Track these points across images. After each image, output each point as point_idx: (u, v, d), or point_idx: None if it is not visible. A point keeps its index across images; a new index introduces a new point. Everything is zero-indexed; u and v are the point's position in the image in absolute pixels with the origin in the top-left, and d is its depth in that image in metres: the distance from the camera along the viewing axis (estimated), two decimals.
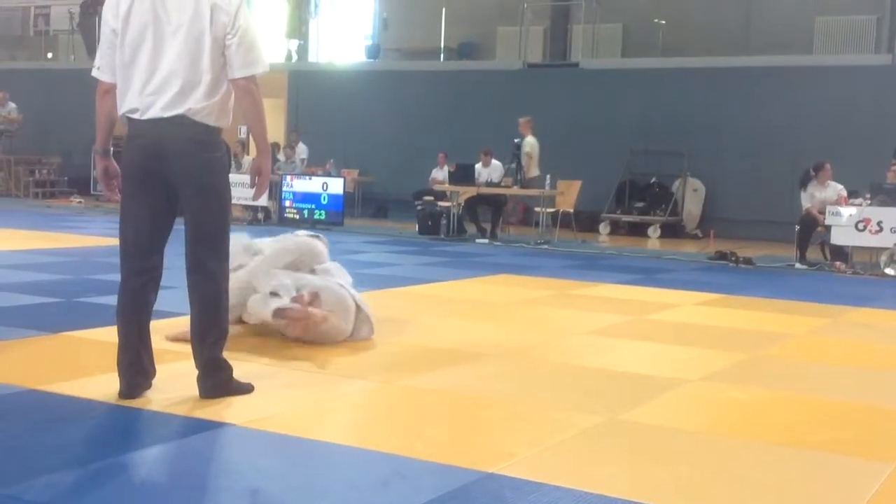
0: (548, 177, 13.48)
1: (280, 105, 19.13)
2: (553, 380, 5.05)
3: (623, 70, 17.12)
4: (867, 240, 11.16)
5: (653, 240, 15.44)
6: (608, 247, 13.72)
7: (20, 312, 6.18)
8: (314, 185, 15.02)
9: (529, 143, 14.47)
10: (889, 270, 10.92)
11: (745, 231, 15.10)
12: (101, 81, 4.20)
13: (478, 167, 14.27)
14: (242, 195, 10.58)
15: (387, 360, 5.29)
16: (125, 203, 4.18)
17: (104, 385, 4.27)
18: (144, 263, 4.17)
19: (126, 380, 4.16)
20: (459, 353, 5.50)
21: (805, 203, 11.82)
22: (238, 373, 4.35)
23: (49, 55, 23.63)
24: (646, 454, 3.78)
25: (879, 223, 11.05)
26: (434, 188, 15.23)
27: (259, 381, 4.44)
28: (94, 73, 4.21)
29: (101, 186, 4.38)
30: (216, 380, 4.22)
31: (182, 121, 4.05)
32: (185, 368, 4.35)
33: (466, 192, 14.03)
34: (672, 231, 15.79)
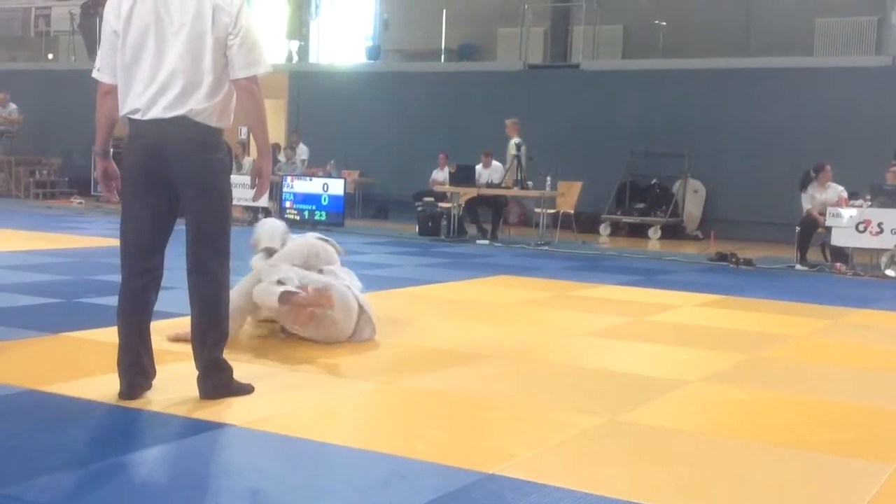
0: (548, 178, 13.48)
1: (281, 106, 19.11)
2: (553, 381, 5.05)
3: (623, 71, 17.11)
4: (867, 241, 11.15)
5: (653, 241, 15.43)
6: (608, 248, 13.70)
7: (20, 313, 6.18)
8: (315, 186, 15.02)
9: (514, 145, 14.43)
10: (889, 272, 10.91)
11: (746, 232, 15.09)
12: (102, 83, 4.19)
13: (478, 168, 14.26)
14: (243, 196, 10.56)
15: (387, 361, 5.29)
16: (126, 203, 4.18)
17: (104, 385, 4.27)
18: (145, 264, 4.17)
19: (126, 380, 4.16)
20: (460, 354, 5.50)
21: (805, 204, 11.82)
22: (238, 374, 4.35)
23: (50, 56, 23.61)
24: (646, 455, 3.78)
25: (880, 224, 11.05)
26: (434, 189, 15.21)
27: (259, 382, 4.44)
28: (95, 75, 4.21)
29: (101, 188, 4.38)
30: (216, 381, 4.22)
31: (184, 121, 4.05)
32: (186, 369, 4.35)
33: (467, 193, 14.02)
34: (672, 232, 15.77)
